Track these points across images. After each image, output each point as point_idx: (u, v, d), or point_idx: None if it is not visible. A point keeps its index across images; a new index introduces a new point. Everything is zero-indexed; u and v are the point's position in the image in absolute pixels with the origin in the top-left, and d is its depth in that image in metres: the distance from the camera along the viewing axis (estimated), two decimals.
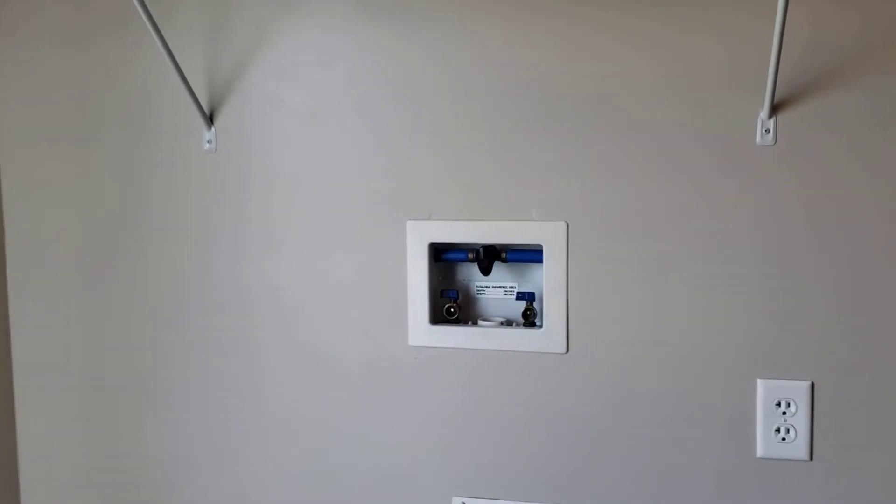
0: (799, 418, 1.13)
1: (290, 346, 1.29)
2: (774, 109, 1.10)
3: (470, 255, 1.23)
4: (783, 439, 1.13)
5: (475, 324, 1.24)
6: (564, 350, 1.19)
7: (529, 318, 1.23)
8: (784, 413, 1.13)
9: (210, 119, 1.29)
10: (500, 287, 1.25)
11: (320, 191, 1.26)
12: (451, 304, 1.25)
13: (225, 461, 1.34)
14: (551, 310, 1.19)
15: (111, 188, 1.35)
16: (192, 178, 1.31)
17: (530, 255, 1.21)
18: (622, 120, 1.15)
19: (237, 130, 1.29)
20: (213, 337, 1.33)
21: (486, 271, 1.22)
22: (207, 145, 1.30)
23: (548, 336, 1.19)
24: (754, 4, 1.08)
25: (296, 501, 1.32)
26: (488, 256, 1.21)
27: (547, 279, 1.19)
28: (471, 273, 1.26)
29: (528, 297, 1.22)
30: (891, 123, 1.07)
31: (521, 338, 1.21)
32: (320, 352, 1.28)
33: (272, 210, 1.28)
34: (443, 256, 1.25)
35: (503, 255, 1.22)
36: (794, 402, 1.12)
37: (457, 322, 1.25)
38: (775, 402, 1.13)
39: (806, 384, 1.12)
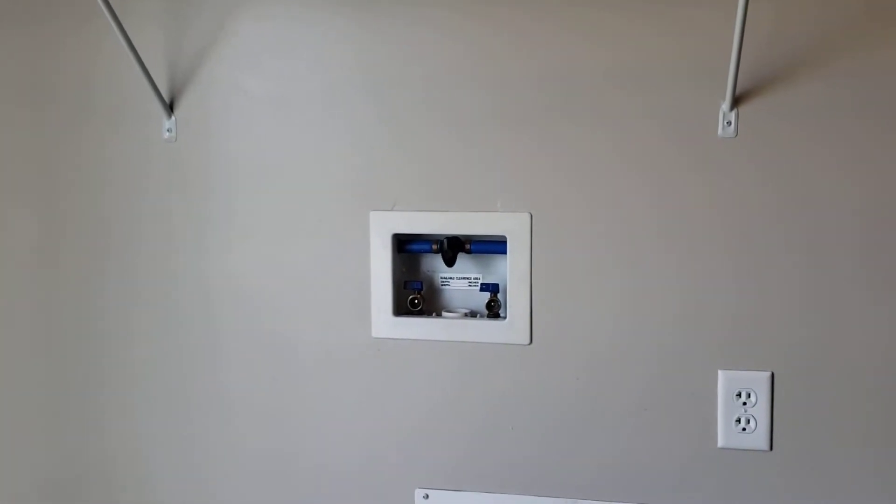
0: (759, 409, 1.14)
1: (253, 338, 1.28)
2: (736, 101, 1.10)
3: (434, 247, 1.22)
4: (743, 429, 1.14)
5: (439, 315, 1.24)
6: (528, 341, 1.19)
7: (494, 310, 1.22)
8: (744, 404, 1.14)
9: (170, 108, 1.27)
10: (464, 278, 1.25)
11: (282, 181, 1.25)
12: (415, 296, 1.24)
13: (187, 452, 1.33)
14: (515, 301, 1.19)
15: (69, 178, 1.32)
16: (152, 167, 1.29)
17: (494, 246, 1.20)
18: (586, 112, 1.15)
19: (198, 120, 1.27)
20: (176, 328, 1.31)
21: (450, 262, 1.22)
22: (167, 134, 1.28)
23: (511, 327, 1.19)
24: None
25: (258, 492, 1.31)
26: (452, 248, 1.21)
27: (511, 271, 1.19)
28: (435, 264, 1.25)
29: (492, 288, 1.22)
30: (851, 115, 1.08)
31: (485, 329, 1.21)
32: (283, 343, 1.27)
33: (234, 200, 1.27)
34: (406, 247, 1.24)
35: (467, 246, 1.21)
36: (755, 393, 1.13)
37: (421, 313, 1.24)
38: (735, 392, 1.14)
39: (766, 375, 1.13)
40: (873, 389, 1.11)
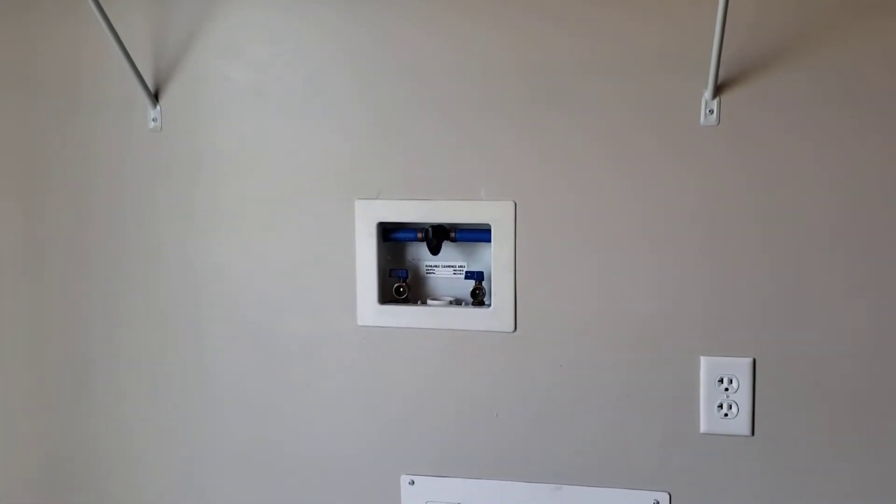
0: (741, 395, 1.15)
1: (238, 326, 1.29)
2: (718, 90, 1.11)
3: (419, 235, 1.22)
4: (725, 415, 1.15)
5: (424, 303, 1.24)
6: (512, 329, 1.20)
7: (478, 298, 1.23)
8: (726, 390, 1.15)
9: (155, 97, 1.27)
10: (449, 266, 1.26)
11: (268, 170, 1.25)
12: (401, 284, 1.25)
13: (171, 439, 1.34)
14: (499, 289, 1.20)
15: (55, 167, 1.32)
16: (138, 157, 1.29)
17: (479, 234, 1.21)
18: (570, 100, 1.15)
19: (183, 109, 1.27)
20: (161, 316, 1.32)
21: (434, 251, 1.22)
22: (153, 124, 1.28)
23: (496, 315, 1.20)
24: None
25: (242, 479, 1.32)
26: (437, 236, 1.21)
27: (495, 259, 1.19)
28: (420, 252, 1.26)
29: (476, 276, 1.23)
30: (831, 104, 1.09)
31: (470, 317, 1.21)
32: (268, 331, 1.28)
33: (219, 189, 1.27)
34: (391, 236, 1.24)
35: (452, 234, 1.22)
36: (737, 379, 1.14)
37: (406, 301, 1.25)
38: (718, 378, 1.15)
39: (748, 361, 1.14)
40: (853, 375, 1.12)
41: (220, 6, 1.24)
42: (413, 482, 1.25)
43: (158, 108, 1.27)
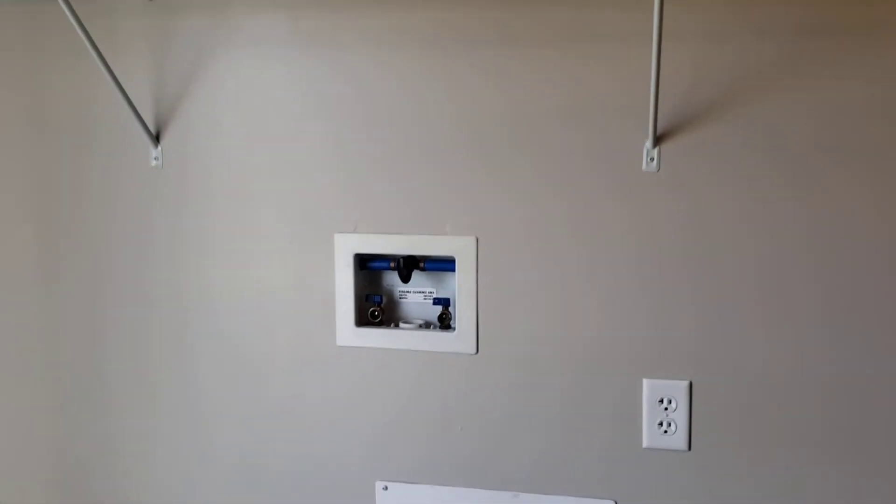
0: (679, 414, 1.26)
1: (224, 346, 1.40)
2: (658, 140, 1.21)
3: (392, 265, 1.33)
4: (665, 432, 1.26)
5: (397, 326, 1.36)
6: (474, 351, 1.31)
7: (445, 322, 1.35)
8: (666, 409, 1.26)
9: (156, 139, 1.39)
10: (420, 292, 1.37)
11: (256, 205, 1.36)
12: (375, 308, 1.36)
13: (158, 450, 1.45)
14: (463, 315, 1.31)
15: (68, 200, 1.44)
16: (140, 192, 1.40)
17: (445, 264, 1.32)
18: (527, 145, 1.26)
19: (181, 149, 1.38)
20: (152, 336, 1.43)
21: (405, 279, 1.33)
22: (154, 162, 1.39)
23: (460, 338, 1.32)
24: (646, 42, 1.15)
25: (226, 490, 1.44)
26: (407, 266, 1.32)
27: (459, 287, 1.31)
28: (394, 279, 1.37)
29: (443, 302, 1.34)
30: (758, 153, 1.18)
31: (437, 339, 1.33)
32: (254, 351, 1.39)
33: (213, 220, 1.38)
34: (367, 265, 1.36)
35: (421, 264, 1.33)
36: (675, 400, 1.25)
37: (380, 324, 1.36)
38: (658, 398, 1.26)
39: (685, 384, 1.25)
40: (779, 397, 1.22)
41: (213, 58, 1.35)
42: (386, 488, 1.37)
43: (159, 148, 1.39)
